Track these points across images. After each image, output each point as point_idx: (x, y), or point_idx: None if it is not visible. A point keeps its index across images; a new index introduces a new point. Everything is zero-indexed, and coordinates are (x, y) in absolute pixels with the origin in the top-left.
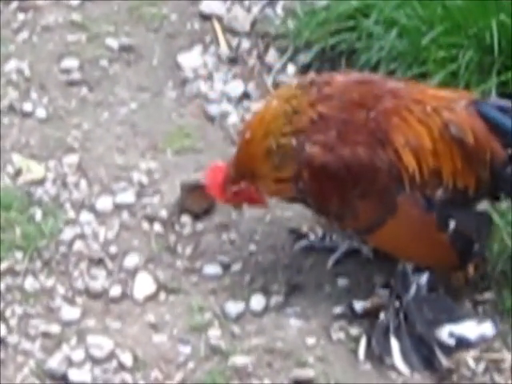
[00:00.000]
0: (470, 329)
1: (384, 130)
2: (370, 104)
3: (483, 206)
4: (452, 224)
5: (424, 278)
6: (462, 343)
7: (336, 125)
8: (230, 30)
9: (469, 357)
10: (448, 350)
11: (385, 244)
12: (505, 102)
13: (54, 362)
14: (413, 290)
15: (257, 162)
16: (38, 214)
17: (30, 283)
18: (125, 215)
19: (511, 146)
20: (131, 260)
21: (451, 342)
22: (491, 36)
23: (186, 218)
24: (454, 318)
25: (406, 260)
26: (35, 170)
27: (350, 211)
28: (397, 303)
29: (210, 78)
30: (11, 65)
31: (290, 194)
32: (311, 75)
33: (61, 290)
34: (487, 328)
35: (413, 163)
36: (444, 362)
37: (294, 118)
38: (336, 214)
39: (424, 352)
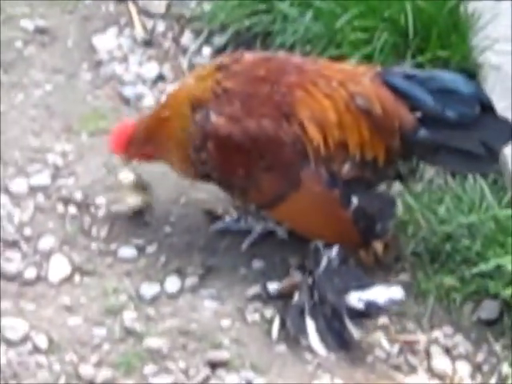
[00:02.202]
0: (379, 293)
1: (289, 104)
2: (275, 78)
3: (396, 187)
4: (355, 201)
5: (334, 251)
6: (372, 308)
7: (240, 98)
8: (145, 13)
9: (383, 338)
10: (358, 317)
11: (287, 219)
12: (408, 69)
13: None
14: (324, 263)
15: (169, 139)
16: None
17: None
18: (40, 197)
19: (418, 109)
20: (46, 242)
21: (360, 306)
22: (406, 19)
23: (100, 200)
24: (363, 285)
25: (309, 236)
26: None
27: (254, 184)
28: (310, 280)
29: (125, 60)
30: None
31: (193, 174)
32: (223, 56)
33: None
34: (396, 292)
35: (317, 136)
36: (355, 333)
37: (201, 96)
38: (240, 186)
39: (336, 326)
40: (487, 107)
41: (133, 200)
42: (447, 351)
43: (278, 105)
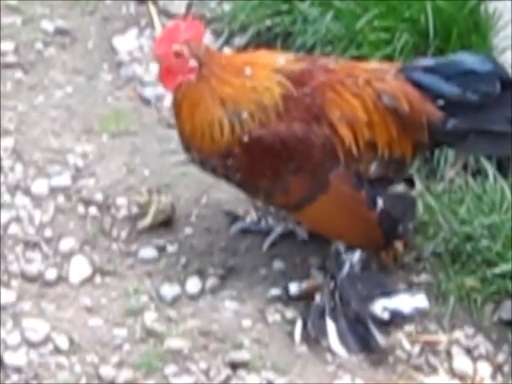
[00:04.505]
0: (404, 302)
1: (319, 105)
2: (304, 80)
3: (418, 187)
4: (380, 203)
5: (356, 256)
6: (397, 317)
7: None
8: (165, 13)
9: (404, 339)
10: (383, 326)
11: (312, 221)
12: (427, 61)
13: None
14: (346, 268)
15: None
16: None
17: None
18: (60, 198)
19: (441, 98)
20: (67, 243)
21: (385, 316)
22: (426, 19)
23: (121, 201)
24: (387, 293)
25: (333, 238)
26: None
27: (281, 186)
28: (332, 284)
29: (145, 60)
30: None
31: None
32: None
33: None
34: (420, 300)
35: (349, 136)
36: (381, 340)
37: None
38: (266, 189)
39: (360, 332)
40: (508, 83)
41: (155, 215)
42: (468, 352)
43: (308, 107)
